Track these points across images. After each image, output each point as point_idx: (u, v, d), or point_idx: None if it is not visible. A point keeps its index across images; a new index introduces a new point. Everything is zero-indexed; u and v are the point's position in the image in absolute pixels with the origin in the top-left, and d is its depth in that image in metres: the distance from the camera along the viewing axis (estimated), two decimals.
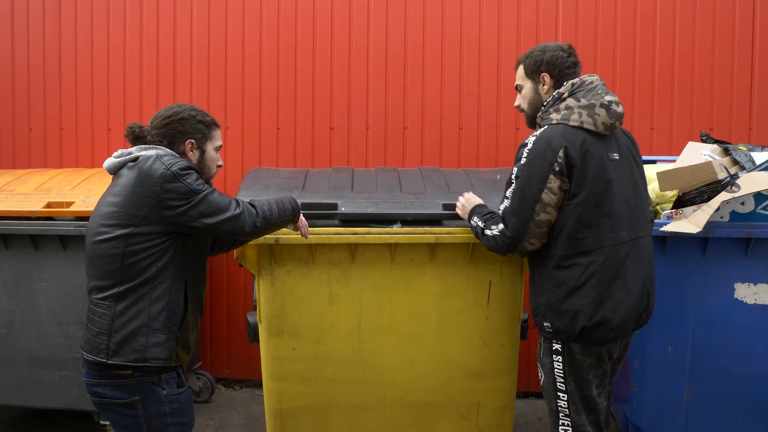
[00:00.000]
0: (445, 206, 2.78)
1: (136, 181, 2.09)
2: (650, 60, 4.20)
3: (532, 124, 2.49)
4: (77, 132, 4.48)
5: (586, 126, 2.25)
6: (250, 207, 2.22)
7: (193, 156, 2.28)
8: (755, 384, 2.84)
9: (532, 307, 2.42)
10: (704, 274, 2.80)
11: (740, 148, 2.93)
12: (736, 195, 2.63)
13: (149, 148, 2.20)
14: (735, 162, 2.83)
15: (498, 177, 3.18)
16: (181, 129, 2.25)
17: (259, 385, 3.35)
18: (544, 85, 2.40)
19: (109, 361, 2.07)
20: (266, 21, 4.35)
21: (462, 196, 2.71)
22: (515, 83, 2.52)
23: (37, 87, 4.50)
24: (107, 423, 3.34)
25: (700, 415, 2.88)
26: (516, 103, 2.54)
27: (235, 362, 4.44)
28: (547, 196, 2.22)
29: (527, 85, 2.45)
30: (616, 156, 2.30)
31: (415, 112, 4.31)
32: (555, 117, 2.30)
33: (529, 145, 2.27)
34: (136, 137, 2.25)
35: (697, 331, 2.82)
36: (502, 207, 2.34)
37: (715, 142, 3.04)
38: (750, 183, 2.66)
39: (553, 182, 2.21)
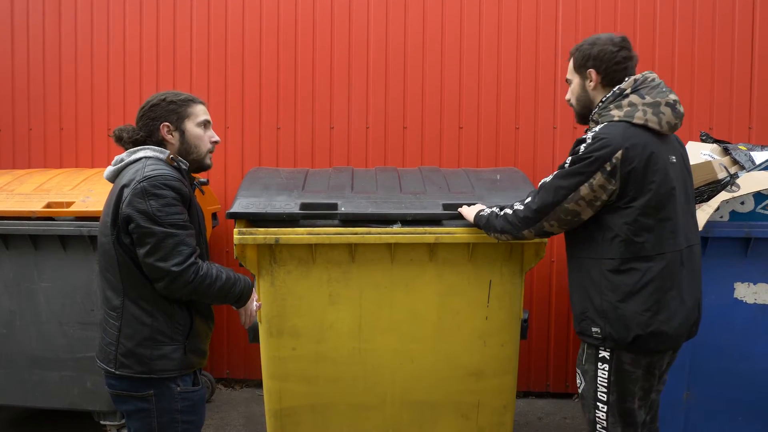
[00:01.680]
0: (445, 206, 2.79)
1: (119, 190, 2.07)
2: (650, 59, 4.19)
3: (582, 120, 2.38)
4: (77, 132, 4.48)
5: (650, 125, 2.14)
6: (196, 274, 2.04)
7: (174, 139, 2.19)
8: (755, 383, 2.84)
9: (577, 311, 2.28)
10: (704, 274, 2.79)
11: (740, 147, 2.93)
12: (735, 194, 2.63)
13: (137, 151, 2.17)
14: (735, 161, 2.83)
15: (498, 177, 3.19)
16: (153, 116, 2.17)
17: (260, 385, 3.35)
18: (590, 81, 2.28)
19: (117, 372, 2.08)
20: (266, 21, 4.35)
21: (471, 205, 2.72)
22: (566, 77, 2.42)
23: (36, 87, 4.50)
24: (108, 423, 3.35)
25: (700, 414, 2.88)
26: (566, 97, 2.43)
27: (236, 362, 4.45)
28: (585, 189, 2.13)
29: (575, 80, 2.34)
30: (674, 159, 2.21)
31: (415, 112, 4.31)
32: (617, 114, 2.17)
33: (588, 140, 2.15)
34: (118, 139, 2.21)
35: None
36: (540, 182, 2.28)
37: (715, 141, 3.04)
38: (750, 182, 2.67)
39: (598, 179, 2.11)
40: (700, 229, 2.58)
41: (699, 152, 2.92)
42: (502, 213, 2.41)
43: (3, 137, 4.54)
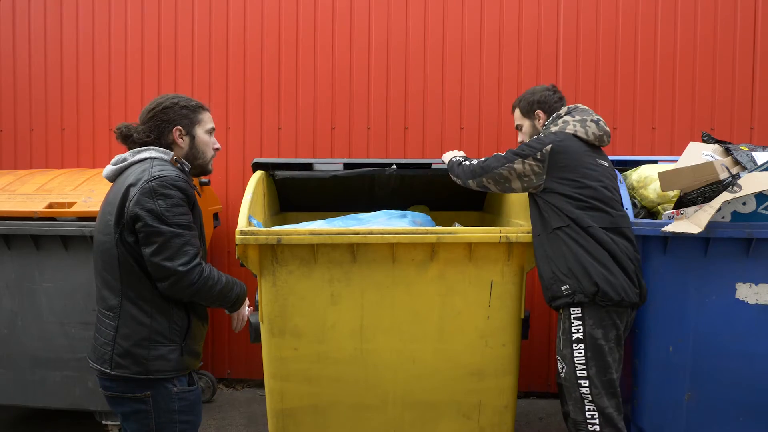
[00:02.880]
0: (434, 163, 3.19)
1: (125, 189, 2.06)
2: (651, 60, 4.20)
3: None
4: (79, 132, 4.49)
5: (578, 134, 2.72)
6: (200, 275, 2.07)
7: (184, 143, 2.22)
8: (756, 384, 2.84)
9: (547, 280, 2.67)
10: (705, 275, 2.80)
11: (741, 148, 2.93)
12: (737, 195, 2.63)
13: (142, 151, 2.17)
14: (736, 162, 2.83)
15: None
16: (165, 118, 2.20)
17: (261, 385, 3.36)
18: (539, 120, 2.91)
19: (113, 372, 2.07)
20: (267, 21, 4.36)
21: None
22: (515, 124, 3.01)
23: (38, 87, 4.51)
24: (109, 423, 3.35)
25: (702, 415, 2.88)
26: (519, 140, 3.00)
27: (237, 362, 4.45)
28: (519, 165, 2.69)
29: (526, 124, 2.96)
30: (605, 163, 2.74)
31: (416, 112, 4.31)
32: (554, 128, 2.77)
33: (531, 140, 2.77)
34: (125, 137, 2.20)
35: (698, 331, 2.82)
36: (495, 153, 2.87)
37: (717, 142, 3.04)
38: (751, 183, 2.66)
39: (530, 160, 2.66)
40: (701, 229, 2.59)
41: (701, 153, 2.92)
42: (466, 163, 2.91)
43: (5, 138, 4.55)
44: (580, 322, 2.58)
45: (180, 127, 2.21)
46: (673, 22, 4.19)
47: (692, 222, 2.66)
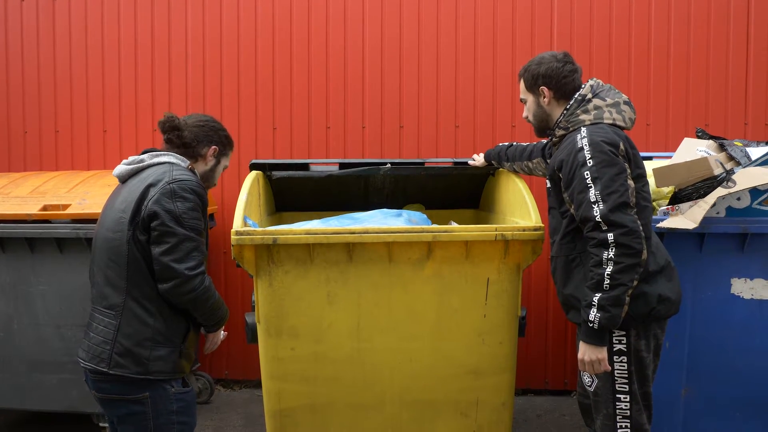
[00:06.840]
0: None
1: (144, 188, 2.11)
2: (645, 56, 4.21)
3: (540, 133, 2.54)
4: (73, 134, 4.47)
5: (618, 123, 2.30)
6: (202, 284, 2.11)
7: (210, 163, 2.37)
8: (753, 379, 2.85)
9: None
10: (701, 270, 2.81)
11: (736, 143, 2.94)
12: (731, 190, 2.64)
13: (160, 155, 2.22)
14: (731, 158, 2.84)
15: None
16: (212, 134, 2.35)
17: (259, 386, 3.35)
18: (544, 97, 2.42)
19: (111, 371, 2.07)
20: (261, 22, 4.35)
21: None
22: (520, 97, 2.55)
23: (32, 89, 4.49)
24: (107, 425, 3.34)
25: (698, 410, 2.89)
26: (524, 114, 2.56)
27: (234, 363, 4.44)
28: (630, 182, 2.17)
29: (530, 99, 2.48)
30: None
31: (411, 111, 4.31)
32: (586, 117, 2.31)
33: (586, 147, 2.18)
34: (172, 128, 2.28)
35: (694, 326, 2.83)
36: (596, 210, 2.11)
37: (711, 137, 3.05)
38: (746, 178, 2.67)
39: (628, 170, 2.18)
40: (696, 225, 2.60)
41: (695, 148, 2.93)
42: (607, 256, 2.11)
43: None
44: (624, 333, 2.26)
45: (217, 148, 2.36)
46: (667, 17, 4.19)
47: (687, 218, 2.67)
